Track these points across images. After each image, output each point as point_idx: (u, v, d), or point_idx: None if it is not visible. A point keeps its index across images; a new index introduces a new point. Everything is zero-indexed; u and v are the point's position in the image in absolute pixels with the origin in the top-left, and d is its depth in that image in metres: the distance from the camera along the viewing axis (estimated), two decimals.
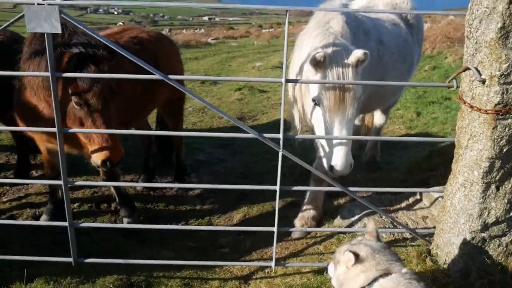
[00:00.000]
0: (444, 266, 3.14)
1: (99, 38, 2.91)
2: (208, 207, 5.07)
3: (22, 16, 2.60)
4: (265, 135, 3.15)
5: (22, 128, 3.66)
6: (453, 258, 3.09)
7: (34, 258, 3.37)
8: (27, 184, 5.33)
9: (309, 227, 4.07)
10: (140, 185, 4.37)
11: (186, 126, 8.09)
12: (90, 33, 2.92)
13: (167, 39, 5.57)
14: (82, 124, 3.31)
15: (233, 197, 5.23)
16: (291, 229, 3.98)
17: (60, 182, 3.11)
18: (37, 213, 4.68)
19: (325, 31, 3.44)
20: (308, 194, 4.29)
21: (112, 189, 4.45)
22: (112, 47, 2.88)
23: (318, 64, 3.18)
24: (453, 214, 3.09)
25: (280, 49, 22.56)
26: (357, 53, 3.16)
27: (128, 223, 4.44)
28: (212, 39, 29.22)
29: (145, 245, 4.21)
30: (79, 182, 3.57)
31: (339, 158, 3.18)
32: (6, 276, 3.49)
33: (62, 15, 2.63)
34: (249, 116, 9.21)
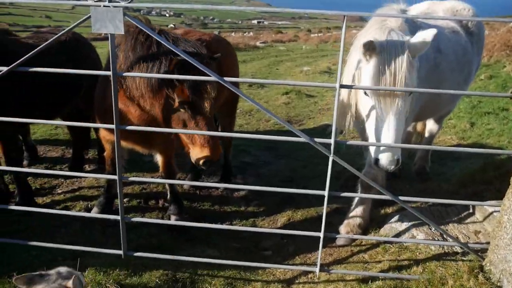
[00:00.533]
0: (498, 284, 3.00)
1: (167, 45, 3.00)
2: (253, 209, 5.10)
3: (89, 17, 2.73)
4: (316, 139, 3.12)
5: (81, 123, 3.83)
6: (508, 276, 2.94)
7: (86, 249, 3.51)
8: (82, 177, 5.56)
9: (354, 234, 4.00)
10: (187, 183, 4.45)
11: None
12: (155, 36, 3.00)
13: (225, 41, 5.67)
14: (184, 125, 3.45)
15: (278, 200, 5.23)
16: (337, 236, 3.93)
17: (115, 177, 3.23)
18: (89, 205, 4.88)
19: (381, 26, 3.34)
20: (355, 201, 4.22)
21: (167, 186, 4.58)
22: (177, 52, 2.96)
23: (368, 50, 3.09)
24: (510, 230, 2.94)
25: (329, 54, 22.40)
26: (428, 33, 3.03)
27: (176, 220, 4.54)
28: (260, 43, 29.39)
29: (190, 243, 4.29)
30: (133, 178, 3.67)
31: (385, 152, 3.09)
32: (59, 264, 3.65)
33: (125, 17, 2.73)
34: (295, 120, 9.18)
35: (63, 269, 2.37)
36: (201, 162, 3.48)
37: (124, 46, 3.58)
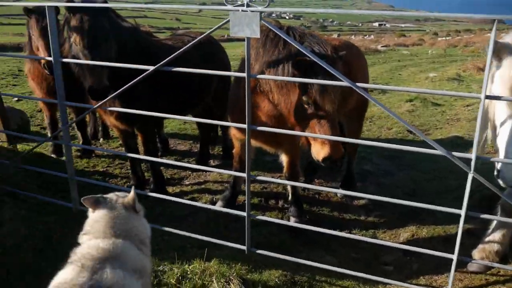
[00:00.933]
0: None
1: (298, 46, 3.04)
2: (373, 220, 4.93)
3: (228, 21, 2.86)
4: (455, 153, 2.89)
5: (213, 121, 4.02)
6: None
7: (212, 240, 3.67)
8: (210, 171, 5.85)
9: (490, 261, 3.64)
10: (314, 187, 4.44)
11: None
12: (290, 41, 3.05)
13: (355, 47, 5.58)
14: (308, 121, 3.49)
15: (400, 213, 4.98)
16: (471, 261, 3.59)
17: (244, 174, 3.35)
18: (214, 199, 5.13)
19: None
20: (493, 224, 3.84)
21: (288, 187, 4.64)
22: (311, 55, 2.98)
23: (499, 51, 2.83)
24: None
25: (458, 60, 20.80)
26: None
27: (295, 222, 4.56)
28: (381, 46, 28.42)
29: (309, 246, 4.28)
30: (261, 177, 3.77)
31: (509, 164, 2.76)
32: (187, 251, 3.90)
33: (262, 21, 2.81)
34: (420, 129, 8.67)
35: (116, 193, 2.55)
36: (321, 159, 3.45)
37: (256, 43, 3.72)
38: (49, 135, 6.22)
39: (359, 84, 2.97)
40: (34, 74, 5.49)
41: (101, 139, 7.11)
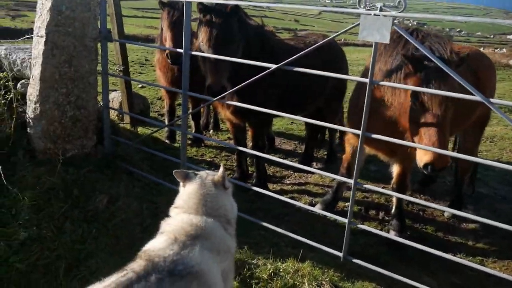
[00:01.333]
0: None
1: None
2: (482, 247, 4.55)
3: (357, 24, 2.84)
4: None
5: (327, 124, 4.03)
6: None
7: (309, 242, 3.68)
8: (313, 173, 5.85)
9: None
10: (422, 203, 4.25)
11: None
12: (410, 40, 2.94)
13: (487, 58, 5.20)
14: (417, 124, 3.38)
15: None
16: None
17: (351, 181, 3.31)
18: (313, 201, 5.14)
19: None
20: None
21: (393, 199, 4.49)
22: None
23: None
24: None
25: None
26: None
27: (396, 236, 4.39)
28: None
29: (406, 263, 4.10)
30: (368, 186, 3.68)
31: None
32: (281, 249, 3.98)
33: (394, 27, 2.74)
34: None
35: (207, 171, 2.61)
36: (422, 164, 3.27)
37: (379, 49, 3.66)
38: (166, 121, 6.73)
39: (493, 101, 2.74)
40: (162, 64, 5.99)
41: (211, 131, 7.50)
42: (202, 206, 2.35)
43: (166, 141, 6.55)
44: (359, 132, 3.12)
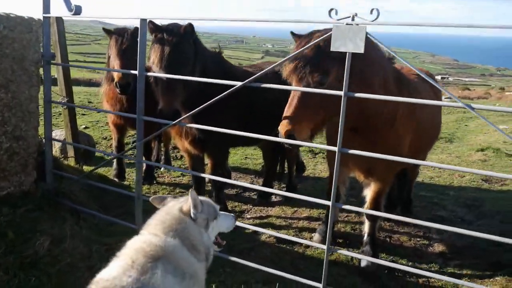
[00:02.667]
0: None
1: None
2: (453, 270, 4.43)
3: (328, 35, 2.70)
4: None
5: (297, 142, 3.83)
6: None
7: (284, 274, 3.37)
8: (273, 206, 5.61)
9: None
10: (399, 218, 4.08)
11: (422, 179, 7.55)
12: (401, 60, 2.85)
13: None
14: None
15: (484, 264, 4.46)
16: None
17: (329, 203, 3.07)
18: (278, 233, 4.82)
19: None
20: None
21: (366, 226, 4.30)
22: None
23: None
24: None
25: None
26: None
27: (367, 266, 4.18)
28: (445, 98, 27.50)
29: None
30: (346, 206, 3.47)
31: None
32: (251, 287, 3.63)
33: (368, 35, 2.63)
34: (496, 179, 8.03)
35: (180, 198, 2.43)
36: (283, 134, 3.32)
37: None
38: (115, 161, 6.25)
39: (475, 106, 2.70)
40: (109, 96, 5.61)
41: (162, 168, 7.10)
42: (165, 227, 2.12)
43: (115, 179, 6.08)
44: (335, 148, 2.93)
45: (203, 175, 4.57)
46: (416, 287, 4.08)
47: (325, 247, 3.15)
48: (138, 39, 3.47)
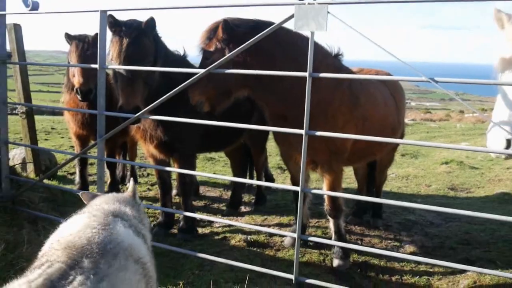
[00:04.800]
0: None
1: None
2: (425, 269, 4.39)
3: (291, 16, 2.70)
4: None
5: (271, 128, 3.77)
6: None
7: (254, 268, 3.27)
8: (242, 216, 5.52)
9: None
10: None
11: (390, 189, 7.61)
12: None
13: (399, 83, 5.40)
14: None
15: (455, 261, 4.44)
16: None
17: (298, 188, 3.01)
18: (248, 238, 4.70)
19: None
20: None
21: (331, 225, 4.22)
22: None
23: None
24: None
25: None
26: None
27: (338, 265, 4.10)
28: (409, 120, 28.31)
29: None
30: (315, 191, 3.42)
31: None
32: (221, 286, 3.49)
33: (329, 13, 2.64)
34: (461, 188, 8.18)
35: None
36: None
37: None
38: (77, 171, 5.98)
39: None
40: (70, 105, 5.43)
41: (128, 184, 6.88)
42: (119, 199, 2.11)
43: (79, 194, 5.81)
44: (302, 131, 2.89)
45: (175, 170, 4.42)
46: (389, 285, 4.02)
47: (295, 235, 3.06)
48: (98, 32, 3.38)
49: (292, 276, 3.12)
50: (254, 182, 5.14)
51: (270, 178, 7.17)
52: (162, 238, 4.57)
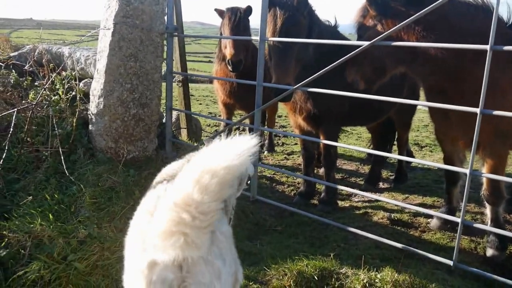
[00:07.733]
0: None
1: None
2: None
3: None
4: None
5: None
6: None
7: (410, 248, 3.16)
8: (381, 192, 5.37)
9: None
10: None
11: None
12: None
13: None
14: None
15: None
16: None
17: (466, 170, 2.81)
18: (391, 216, 4.56)
19: None
20: None
21: (488, 211, 3.85)
22: None
23: None
24: None
25: None
26: None
27: (493, 256, 3.78)
28: None
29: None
30: (487, 175, 3.18)
31: None
32: (368, 261, 3.44)
33: None
34: None
35: None
36: None
37: None
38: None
39: None
40: (219, 74, 5.73)
41: (266, 152, 7.11)
42: None
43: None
44: (477, 110, 2.66)
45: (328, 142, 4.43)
46: None
47: (459, 220, 2.87)
48: (261, 5, 3.48)
49: (450, 262, 2.95)
50: (403, 157, 4.90)
51: (410, 155, 6.83)
52: (303, 207, 4.66)
